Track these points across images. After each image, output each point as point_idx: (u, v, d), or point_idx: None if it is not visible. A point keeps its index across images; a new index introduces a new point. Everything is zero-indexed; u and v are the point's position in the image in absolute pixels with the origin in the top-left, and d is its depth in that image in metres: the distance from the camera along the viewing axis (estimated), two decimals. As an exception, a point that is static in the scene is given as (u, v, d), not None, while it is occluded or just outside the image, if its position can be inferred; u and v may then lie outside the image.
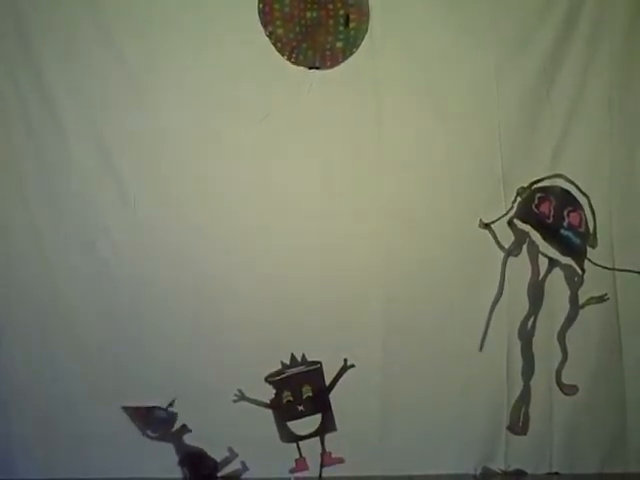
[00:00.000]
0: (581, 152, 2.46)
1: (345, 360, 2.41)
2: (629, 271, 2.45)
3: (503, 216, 2.44)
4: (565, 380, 2.46)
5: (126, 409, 2.36)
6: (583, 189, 2.47)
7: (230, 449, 2.39)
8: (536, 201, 2.46)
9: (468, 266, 2.44)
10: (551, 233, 2.47)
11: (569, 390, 2.46)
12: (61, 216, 2.35)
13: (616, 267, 2.46)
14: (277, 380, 2.41)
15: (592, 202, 2.46)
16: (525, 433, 2.46)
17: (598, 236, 2.47)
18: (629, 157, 2.47)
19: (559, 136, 2.45)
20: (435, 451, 2.43)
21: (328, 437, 2.43)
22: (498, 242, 2.44)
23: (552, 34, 2.42)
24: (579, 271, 2.46)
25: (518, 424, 2.46)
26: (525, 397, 2.46)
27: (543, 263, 2.47)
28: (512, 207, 2.45)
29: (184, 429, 2.38)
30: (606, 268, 2.46)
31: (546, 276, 2.47)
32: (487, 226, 2.43)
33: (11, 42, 2.33)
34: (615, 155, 2.46)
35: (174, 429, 2.38)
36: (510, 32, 2.42)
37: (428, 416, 2.41)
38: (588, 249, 2.47)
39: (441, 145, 2.42)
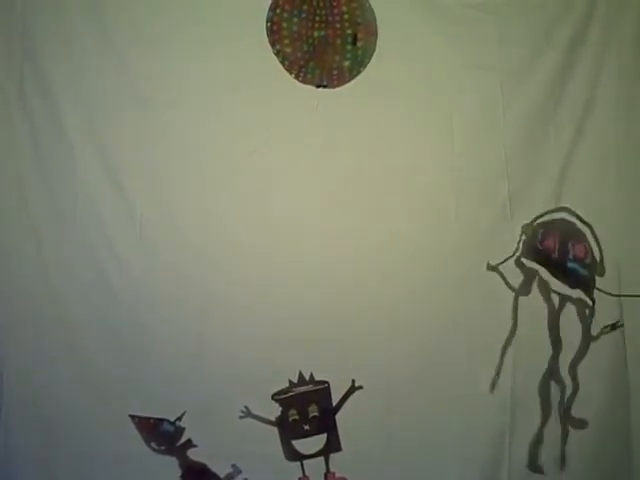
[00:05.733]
0: (587, 172, 2.41)
1: (353, 381, 2.39)
2: (636, 296, 2.39)
3: (510, 257, 2.40)
4: (574, 412, 2.41)
5: (133, 417, 2.36)
6: (586, 217, 2.41)
7: (234, 466, 2.38)
8: (540, 237, 2.42)
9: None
10: (558, 268, 2.42)
11: (578, 425, 2.41)
12: (66, 232, 2.36)
13: (622, 292, 2.41)
14: (284, 398, 2.39)
15: (595, 230, 2.41)
16: (544, 473, 2.42)
17: (605, 263, 2.42)
18: (635, 176, 2.42)
19: (565, 155, 2.40)
20: (438, 472, 2.39)
21: (332, 457, 2.40)
22: (507, 283, 2.41)
23: (559, 51, 2.37)
24: (589, 302, 2.42)
25: (536, 462, 2.42)
26: (540, 439, 2.41)
27: (554, 300, 2.42)
28: (518, 246, 2.41)
29: (189, 444, 2.38)
30: (613, 295, 2.40)
31: (559, 313, 2.42)
32: (494, 268, 2.40)
33: (17, 55, 2.35)
34: (621, 173, 2.41)
35: (179, 443, 2.38)
36: (517, 50, 2.38)
37: (431, 437, 2.38)
38: (597, 278, 2.42)
39: (447, 169, 2.39)
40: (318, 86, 2.37)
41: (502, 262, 2.40)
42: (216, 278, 2.36)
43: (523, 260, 2.42)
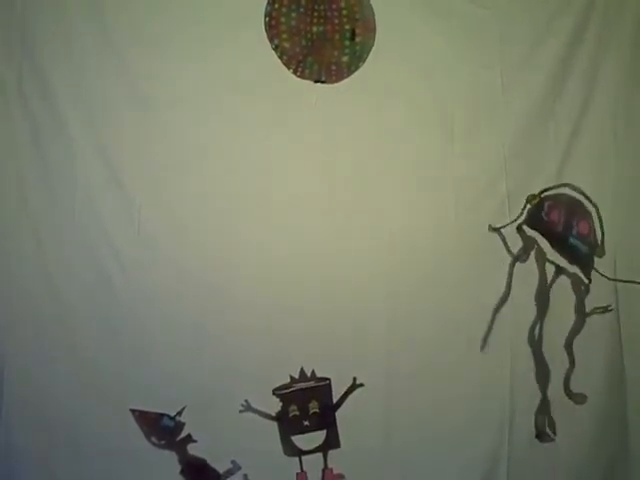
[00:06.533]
0: (586, 166, 2.43)
1: (354, 379, 2.39)
2: (632, 282, 2.42)
3: (513, 222, 2.41)
4: (573, 388, 2.44)
5: (133, 412, 2.36)
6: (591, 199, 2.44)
7: (233, 462, 2.39)
8: (546, 209, 2.43)
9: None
10: (559, 241, 2.44)
11: (578, 399, 2.43)
12: (66, 231, 2.35)
13: (618, 277, 2.43)
14: (285, 394, 2.40)
15: (600, 212, 2.43)
16: (553, 439, 2.44)
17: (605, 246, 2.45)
18: (634, 170, 2.44)
19: (564, 151, 2.41)
20: (437, 470, 2.40)
21: (331, 453, 2.41)
22: (507, 247, 2.42)
23: (559, 47, 2.37)
24: (585, 280, 2.43)
25: (545, 432, 2.43)
26: (546, 405, 2.43)
27: (550, 270, 2.44)
28: (522, 213, 2.41)
29: (189, 439, 2.38)
30: (610, 279, 2.42)
31: (552, 283, 2.44)
32: (496, 230, 2.40)
33: (17, 54, 2.34)
34: (620, 171, 2.43)
35: (179, 438, 2.38)
36: (516, 47, 2.38)
37: (430, 435, 2.39)
38: (595, 259, 2.44)
39: (446, 166, 2.39)
40: (316, 81, 2.35)
41: (504, 226, 2.41)
42: (216, 274, 2.36)
43: (524, 227, 2.43)
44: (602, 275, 2.43)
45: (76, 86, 2.33)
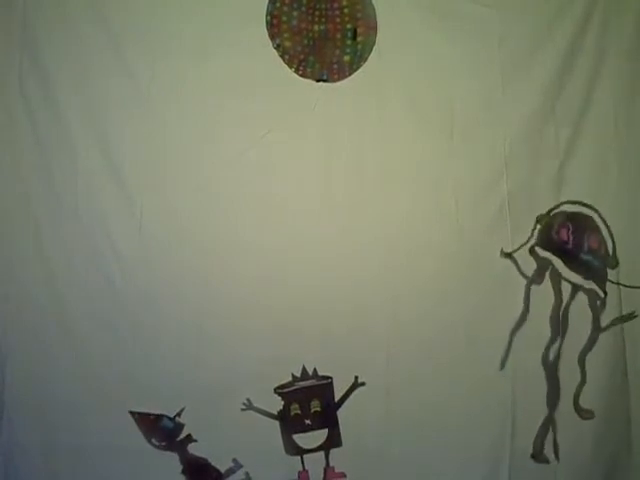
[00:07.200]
0: (587, 167, 2.43)
1: (356, 377, 2.39)
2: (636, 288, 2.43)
3: (524, 244, 2.41)
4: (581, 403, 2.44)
5: (133, 414, 2.35)
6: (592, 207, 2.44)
7: (235, 460, 2.38)
8: (555, 227, 2.43)
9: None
10: (572, 258, 2.43)
11: (586, 415, 2.43)
12: (67, 230, 2.34)
13: (621, 283, 2.43)
14: (286, 392, 2.39)
15: (606, 220, 2.43)
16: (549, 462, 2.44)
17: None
18: (635, 173, 2.44)
19: (564, 151, 2.42)
20: (437, 469, 2.40)
21: (333, 452, 2.41)
22: (520, 271, 2.42)
23: (560, 47, 2.39)
24: (601, 294, 2.43)
25: (542, 452, 2.43)
26: (551, 425, 2.43)
27: (566, 289, 2.43)
28: (532, 235, 2.42)
29: (189, 439, 2.37)
30: (628, 287, 2.43)
31: (570, 302, 2.43)
32: (509, 255, 2.41)
33: (17, 52, 2.33)
34: (621, 171, 2.43)
35: (179, 438, 2.38)
36: (517, 46, 2.39)
37: (431, 434, 2.39)
38: (608, 270, 2.44)
39: (447, 165, 2.40)
40: (318, 80, 2.36)
41: (517, 249, 2.41)
42: (216, 272, 2.36)
43: (537, 249, 2.43)
44: (616, 283, 2.43)
45: (77, 86, 2.34)
